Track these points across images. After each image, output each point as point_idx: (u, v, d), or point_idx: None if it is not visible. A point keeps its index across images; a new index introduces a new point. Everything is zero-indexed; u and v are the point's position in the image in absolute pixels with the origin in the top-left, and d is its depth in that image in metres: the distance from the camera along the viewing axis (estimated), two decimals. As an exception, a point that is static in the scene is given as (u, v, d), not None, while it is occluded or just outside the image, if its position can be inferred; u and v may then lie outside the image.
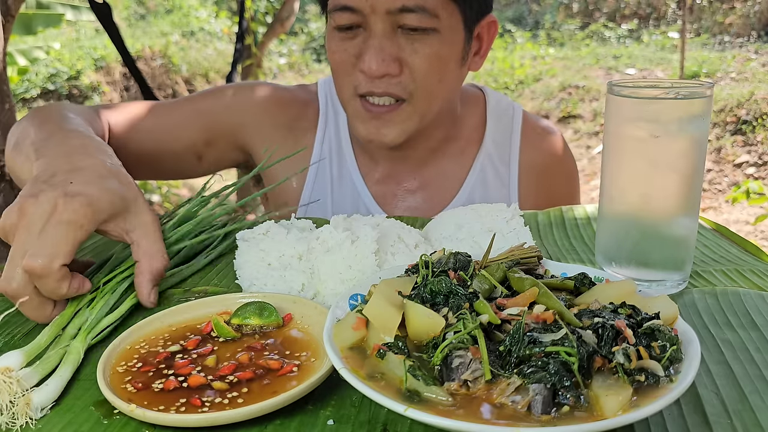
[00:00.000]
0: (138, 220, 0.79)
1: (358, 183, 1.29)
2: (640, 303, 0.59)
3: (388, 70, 1.07)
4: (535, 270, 0.70)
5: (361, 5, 1.05)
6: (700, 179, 0.78)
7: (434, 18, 1.06)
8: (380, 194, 1.29)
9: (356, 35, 1.09)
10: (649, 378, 0.50)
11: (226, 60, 9.54)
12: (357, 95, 1.13)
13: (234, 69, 4.11)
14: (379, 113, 1.13)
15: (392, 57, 1.07)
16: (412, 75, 1.09)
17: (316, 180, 1.30)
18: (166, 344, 0.66)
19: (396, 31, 1.07)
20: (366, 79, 1.10)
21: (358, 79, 1.11)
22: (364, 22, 1.07)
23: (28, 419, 0.56)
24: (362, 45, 1.09)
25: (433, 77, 1.11)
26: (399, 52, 1.08)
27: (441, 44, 1.09)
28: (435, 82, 1.12)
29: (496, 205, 0.93)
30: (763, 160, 5.35)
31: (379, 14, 1.05)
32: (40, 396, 0.57)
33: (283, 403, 0.55)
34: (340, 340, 0.57)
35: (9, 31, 2.33)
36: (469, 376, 0.50)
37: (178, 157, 1.28)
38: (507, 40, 9.93)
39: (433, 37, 1.08)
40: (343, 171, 1.30)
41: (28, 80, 8.42)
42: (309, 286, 0.79)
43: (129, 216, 0.79)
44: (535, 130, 1.35)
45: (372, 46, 1.07)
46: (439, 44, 1.09)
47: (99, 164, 0.81)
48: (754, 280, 0.84)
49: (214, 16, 11.24)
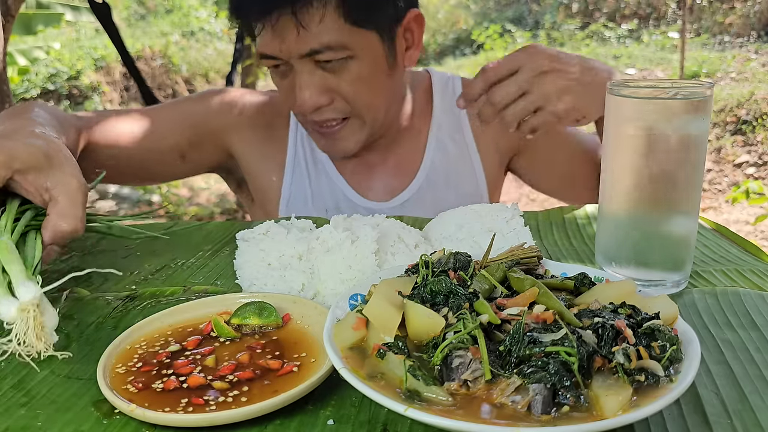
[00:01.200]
0: (62, 179, 0.79)
1: (333, 174, 1.36)
2: (640, 303, 0.59)
3: (319, 102, 1.16)
4: (535, 270, 0.70)
5: (276, 53, 1.13)
6: (700, 179, 0.78)
7: (344, 49, 1.12)
8: (355, 181, 1.37)
9: (287, 73, 1.18)
10: (649, 378, 0.50)
11: (226, 60, 9.54)
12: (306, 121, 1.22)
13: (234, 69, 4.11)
14: (329, 132, 1.22)
15: (319, 91, 1.15)
16: (345, 100, 1.18)
17: (294, 175, 1.37)
18: (166, 344, 0.66)
19: (317, 66, 1.14)
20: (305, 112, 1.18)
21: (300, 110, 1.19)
22: (287, 63, 1.15)
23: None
24: (292, 81, 1.17)
25: (365, 96, 1.19)
26: (325, 83, 1.15)
27: (360, 66, 1.15)
28: (370, 98, 1.20)
29: (496, 205, 0.93)
30: (763, 160, 5.35)
31: (295, 58, 1.12)
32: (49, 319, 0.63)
33: (283, 403, 0.55)
34: (340, 340, 0.57)
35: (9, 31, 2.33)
36: (469, 376, 0.50)
37: (163, 156, 1.33)
38: (507, 40, 9.93)
39: (351, 63, 1.15)
40: (318, 166, 1.37)
41: (28, 80, 8.41)
42: (309, 286, 0.79)
43: (52, 173, 0.79)
44: None
45: (298, 85, 1.15)
46: (359, 67, 1.15)
47: (29, 127, 0.86)
48: (754, 280, 0.84)
49: (214, 16, 11.23)
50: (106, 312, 0.79)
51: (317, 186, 1.37)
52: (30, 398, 0.60)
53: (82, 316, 0.78)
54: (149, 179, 1.52)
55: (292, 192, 1.37)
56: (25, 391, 0.62)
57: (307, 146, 1.38)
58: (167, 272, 0.92)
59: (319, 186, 1.37)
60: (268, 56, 1.15)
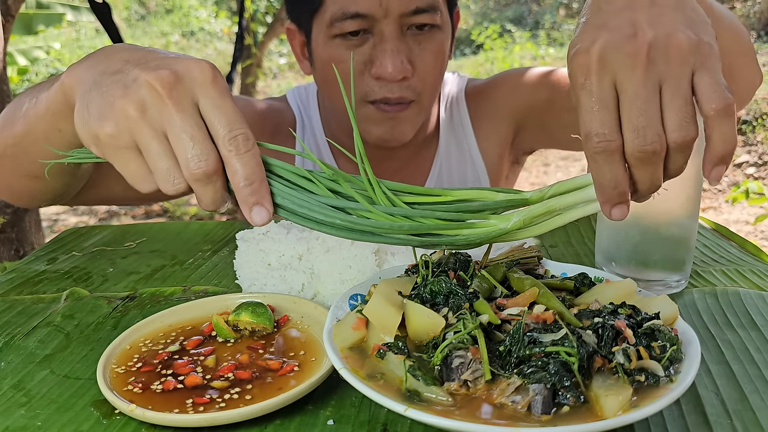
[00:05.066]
0: None
1: None
2: (640, 303, 0.59)
3: (406, 72, 1.08)
4: (535, 270, 0.70)
5: (373, 11, 1.04)
6: (700, 179, 0.78)
7: (438, 15, 1.09)
8: None
9: (363, 41, 1.08)
10: (649, 378, 0.50)
11: (226, 60, 9.53)
12: (366, 101, 1.13)
13: (234, 69, 4.11)
14: (394, 114, 1.14)
15: (407, 59, 1.08)
16: (420, 75, 1.12)
17: None
18: (166, 344, 0.66)
19: (405, 33, 1.08)
20: (380, 85, 1.10)
21: (369, 85, 1.11)
22: (372, 27, 1.07)
23: None
24: (371, 50, 1.09)
25: (437, 73, 1.15)
26: (410, 54, 1.09)
27: (443, 39, 1.13)
28: (437, 78, 1.16)
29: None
30: (763, 160, 5.35)
31: (392, 17, 1.05)
32: None
33: (283, 403, 0.55)
34: (340, 340, 0.57)
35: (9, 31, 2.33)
36: (469, 376, 0.50)
37: None
38: (507, 40, 9.93)
39: (437, 34, 1.11)
40: None
41: (28, 80, 8.41)
42: (309, 286, 0.79)
43: None
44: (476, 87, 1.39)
45: (387, 50, 1.06)
46: (442, 39, 1.12)
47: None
48: (754, 280, 0.84)
49: (214, 16, 11.24)
50: (106, 312, 0.79)
51: None
52: (30, 398, 0.60)
53: (82, 316, 0.78)
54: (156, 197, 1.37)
55: None
56: (25, 391, 0.62)
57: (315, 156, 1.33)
58: (167, 272, 0.92)
59: None
60: (357, 15, 1.05)
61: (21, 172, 0.87)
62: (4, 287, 0.87)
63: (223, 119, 0.60)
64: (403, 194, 0.62)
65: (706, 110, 0.53)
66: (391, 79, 1.08)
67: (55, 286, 0.87)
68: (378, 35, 1.07)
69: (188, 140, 0.59)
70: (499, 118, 1.35)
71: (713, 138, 0.54)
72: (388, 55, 1.06)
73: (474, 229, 0.59)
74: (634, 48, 0.53)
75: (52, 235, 3.63)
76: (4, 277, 0.91)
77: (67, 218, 5.12)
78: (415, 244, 0.61)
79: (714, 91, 0.52)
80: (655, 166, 0.54)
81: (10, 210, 2.33)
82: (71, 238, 1.08)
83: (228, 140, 0.60)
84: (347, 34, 1.08)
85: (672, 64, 0.53)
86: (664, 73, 0.53)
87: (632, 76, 0.53)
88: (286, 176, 0.63)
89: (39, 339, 0.72)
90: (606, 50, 0.53)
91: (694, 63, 0.53)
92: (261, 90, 8.26)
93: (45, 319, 0.77)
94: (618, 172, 0.53)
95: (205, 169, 0.59)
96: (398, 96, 1.11)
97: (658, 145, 0.52)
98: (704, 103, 0.53)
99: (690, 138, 0.53)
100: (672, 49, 0.53)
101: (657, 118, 0.53)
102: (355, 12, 1.05)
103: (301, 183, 0.63)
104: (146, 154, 0.61)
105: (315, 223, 0.62)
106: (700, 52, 0.53)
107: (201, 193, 0.61)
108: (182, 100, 0.60)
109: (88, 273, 0.93)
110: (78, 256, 1.00)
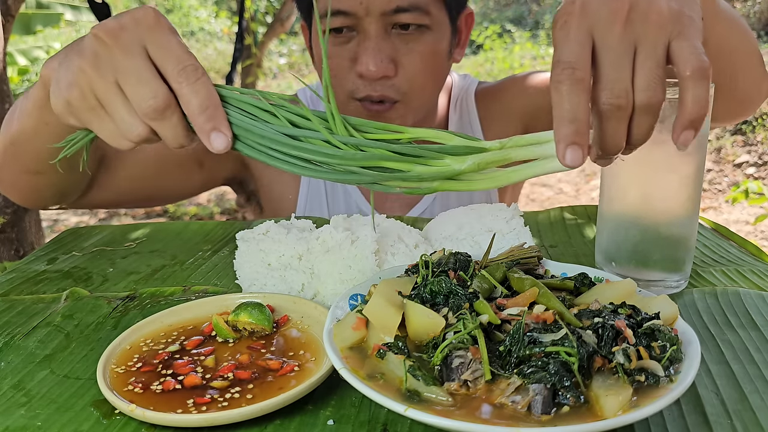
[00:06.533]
0: None
1: (350, 187, 1.32)
2: (640, 303, 0.59)
3: (386, 71, 1.08)
4: (535, 270, 0.70)
5: (354, 8, 1.05)
6: (700, 179, 0.78)
7: (426, 15, 1.07)
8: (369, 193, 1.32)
9: (349, 39, 1.09)
10: (649, 378, 0.50)
11: (226, 60, 9.54)
12: (353, 98, 1.14)
13: (234, 69, 4.11)
14: (377, 113, 1.14)
15: (389, 58, 1.08)
16: (405, 75, 1.11)
17: (310, 190, 1.32)
18: (167, 344, 0.66)
19: (390, 32, 1.08)
20: (363, 83, 1.10)
21: (354, 83, 1.11)
22: (357, 25, 1.08)
23: None
24: (356, 48, 1.09)
25: (426, 75, 1.13)
26: (394, 53, 1.09)
27: (434, 41, 1.11)
28: (427, 80, 1.14)
29: (496, 204, 0.93)
30: (763, 160, 5.35)
31: (373, 16, 1.05)
32: None
33: (283, 403, 0.55)
34: (340, 340, 0.57)
35: (9, 31, 2.33)
36: (469, 376, 0.50)
37: (181, 161, 1.26)
38: (506, 40, 9.93)
39: (426, 35, 1.09)
40: None
41: (28, 80, 8.41)
42: (309, 286, 0.79)
43: None
44: (485, 89, 1.39)
45: (369, 48, 1.07)
46: (432, 41, 1.11)
47: None
48: (754, 280, 0.84)
49: (214, 16, 11.24)
50: (106, 312, 0.79)
51: (333, 202, 1.32)
52: (30, 398, 0.60)
53: (82, 316, 0.78)
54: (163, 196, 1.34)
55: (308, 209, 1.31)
56: (25, 391, 0.62)
57: None
58: (167, 272, 0.92)
59: (336, 203, 1.32)
60: (339, 12, 1.05)
61: (22, 169, 0.90)
62: (4, 287, 0.87)
63: (169, 56, 0.62)
64: (366, 130, 0.62)
65: (681, 72, 0.54)
66: (372, 77, 1.08)
67: (55, 286, 0.87)
68: (362, 33, 1.07)
69: (136, 82, 0.61)
70: (507, 119, 1.34)
71: (685, 99, 0.54)
72: (369, 53, 1.06)
73: (427, 167, 0.59)
74: (616, 6, 0.55)
75: (52, 235, 3.63)
76: (4, 277, 0.91)
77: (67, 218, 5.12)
78: (367, 180, 0.60)
79: (691, 54, 0.54)
80: (619, 123, 0.54)
81: (10, 210, 2.32)
82: (71, 238, 1.08)
83: (177, 73, 0.62)
84: (333, 31, 1.09)
85: (650, 27, 0.54)
86: (640, 34, 0.54)
87: (609, 30, 0.54)
88: (248, 109, 0.64)
89: (39, 339, 0.72)
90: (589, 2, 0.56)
91: (671, 31, 0.55)
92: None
93: (45, 319, 0.77)
94: (578, 104, 0.52)
95: (155, 105, 0.61)
96: (380, 95, 1.11)
97: (624, 101, 0.53)
98: (680, 65, 0.54)
99: (657, 101, 0.54)
100: (652, 14, 0.55)
101: (628, 75, 0.54)
102: (337, 9, 1.05)
103: (262, 116, 0.63)
104: (107, 108, 0.64)
105: (270, 157, 0.62)
106: (679, 21, 0.55)
107: (161, 132, 0.64)
108: (129, 46, 0.62)
109: (88, 273, 0.93)
110: (78, 256, 1.00)
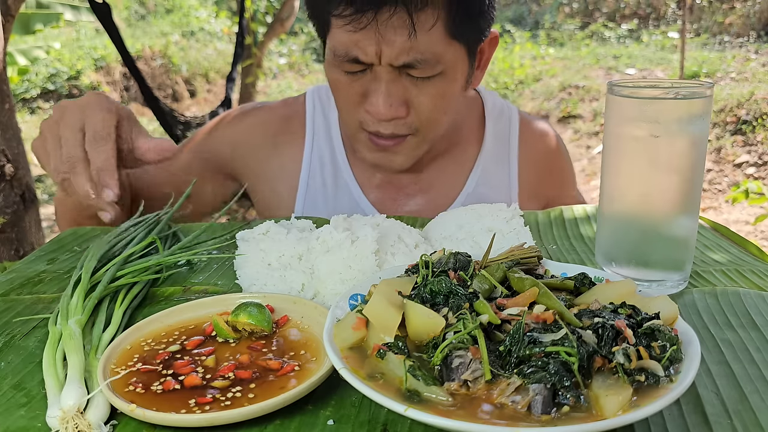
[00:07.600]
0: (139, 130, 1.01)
1: (355, 190, 1.29)
2: (640, 303, 0.59)
3: (397, 113, 1.07)
4: (535, 270, 0.70)
5: (367, 59, 1.03)
6: (700, 179, 0.78)
7: (438, 64, 1.05)
8: (379, 200, 1.30)
9: (360, 77, 1.08)
10: (649, 378, 0.50)
11: (226, 60, 9.54)
12: (363, 129, 1.13)
13: (234, 69, 4.12)
14: (386, 146, 1.14)
15: (399, 101, 1.07)
16: (417, 115, 1.10)
17: (308, 191, 1.31)
18: (167, 344, 0.66)
19: (402, 75, 1.06)
20: (373, 120, 1.10)
21: (364, 117, 1.11)
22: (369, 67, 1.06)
23: None
24: (368, 85, 1.08)
25: (438, 113, 1.12)
26: (405, 94, 1.07)
27: (447, 83, 1.09)
28: (441, 116, 1.13)
29: (496, 205, 0.93)
30: (763, 160, 5.35)
31: (385, 65, 1.04)
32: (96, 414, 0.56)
33: (283, 403, 0.55)
34: (340, 340, 0.57)
35: (9, 31, 2.33)
36: (469, 376, 0.50)
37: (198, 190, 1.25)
38: (507, 40, 9.93)
39: (438, 79, 1.07)
40: (338, 180, 1.30)
41: (28, 80, 8.42)
42: (309, 286, 0.79)
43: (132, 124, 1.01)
44: (532, 128, 1.38)
45: (379, 91, 1.06)
46: (445, 83, 1.08)
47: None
48: (754, 280, 0.84)
49: (214, 16, 11.24)
50: (106, 312, 0.79)
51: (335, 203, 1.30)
52: (30, 398, 0.60)
53: (82, 316, 0.77)
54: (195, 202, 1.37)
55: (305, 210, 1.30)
56: (25, 391, 0.62)
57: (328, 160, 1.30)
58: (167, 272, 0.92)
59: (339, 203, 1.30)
60: (351, 59, 1.04)
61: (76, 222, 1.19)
62: (4, 287, 0.87)
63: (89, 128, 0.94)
64: None
65: None
66: (380, 119, 1.08)
67: (55, 286, 0.87)
68: (374, 72, 1.06)
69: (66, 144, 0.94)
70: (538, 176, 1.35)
71: None
72: (380, 96, 1.06)
73: None
74: None
75: (52, 235, 3.63)
76: (4, 277, 0.91)
77: (67, 218, 5.10)
78: None
79: None
80: None
81: (10, 210, 2.32)
82: (71, 238, 1.08)
83: (88, 140, 0.94)
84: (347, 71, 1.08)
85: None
86: None
87: None
88: None
89: (39, 339, 0.72)
90: None
91: None
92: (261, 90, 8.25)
93: (45, 319, 0.77)
94: None
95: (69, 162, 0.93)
96: (391, 132, 1.11)
97: None
98: None
99: None
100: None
101: None
102: (351, 56, 1.04)
103: None
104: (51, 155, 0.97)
105: None
106: None
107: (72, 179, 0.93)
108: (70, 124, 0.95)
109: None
110: (78, 256, 0.99)
